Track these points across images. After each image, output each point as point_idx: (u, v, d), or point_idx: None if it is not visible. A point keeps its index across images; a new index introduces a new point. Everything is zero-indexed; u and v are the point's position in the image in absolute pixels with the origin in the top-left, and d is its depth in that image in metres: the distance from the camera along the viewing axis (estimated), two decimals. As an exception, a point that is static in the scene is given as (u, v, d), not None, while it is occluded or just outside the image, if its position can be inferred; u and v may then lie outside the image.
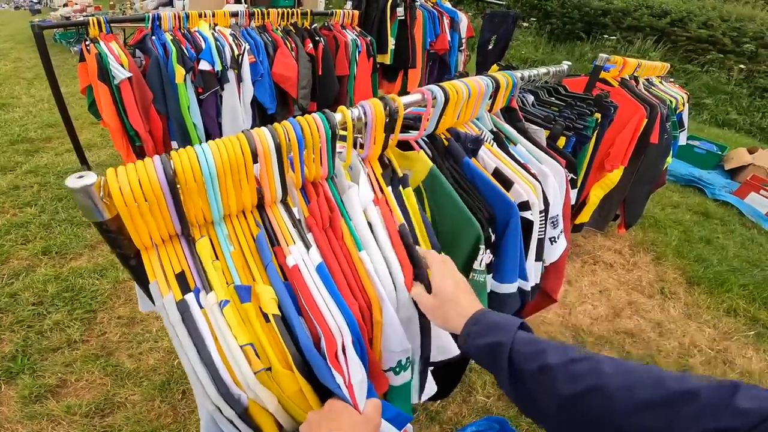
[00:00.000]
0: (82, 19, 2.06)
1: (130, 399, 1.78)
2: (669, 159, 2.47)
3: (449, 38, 3.83)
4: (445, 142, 1.03)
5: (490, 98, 1.22)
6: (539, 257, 1.16)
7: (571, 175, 1.32)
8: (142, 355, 1.98)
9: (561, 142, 1.37)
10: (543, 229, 1.13)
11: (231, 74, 2.29)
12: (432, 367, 0.89)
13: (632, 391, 0.48)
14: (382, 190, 0.85)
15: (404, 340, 0.75)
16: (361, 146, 0.85)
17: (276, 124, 0.69)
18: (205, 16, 2.34)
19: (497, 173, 1.05)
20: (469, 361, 1.30)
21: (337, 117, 0.76)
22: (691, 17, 7.71)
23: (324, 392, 0.65)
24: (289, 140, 0.69)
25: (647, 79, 2.45)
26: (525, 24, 9.51)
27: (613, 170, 2.05)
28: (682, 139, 2.77)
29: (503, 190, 0.96)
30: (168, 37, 2.15)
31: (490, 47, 4.55)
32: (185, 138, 2.27)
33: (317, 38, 2.86)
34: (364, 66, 3.19)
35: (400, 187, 0.85)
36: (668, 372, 0.49)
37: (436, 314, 0.73)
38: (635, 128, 2.00)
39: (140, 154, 2.21)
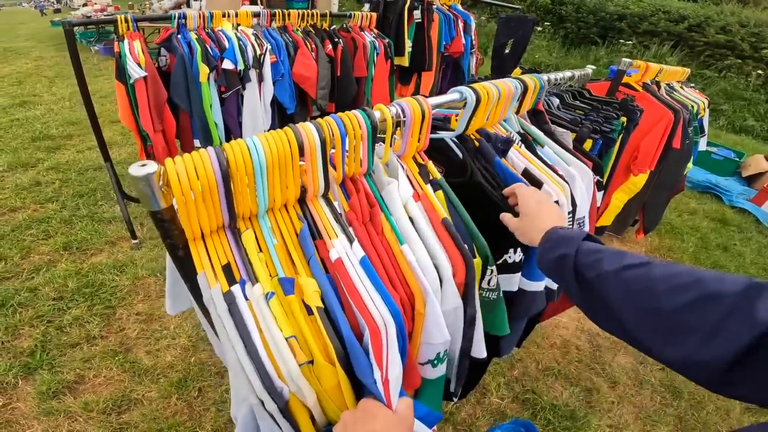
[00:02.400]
0: (109, 17, 2.09)
1: (147, 396, 1.80)
2: (689, 165, 2.45)
3: (463, 41, 3.83)
4: (476, 143, 1.03)
5: (517, 101, 1.23)
6: None
7: (597, 177, 1.32)
8: (159, 351, 2.00)
9: (587, 144, 1.37)
10: None
11: (253, 74, 2.32)
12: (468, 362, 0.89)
13: (675, 293, 0.51)
14: (421, 188, 0.86)
15: (445, 333, 0.76)
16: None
17: (320, 120, 0.70)
18: (229, 16, 2.37)
19: (526, 174, 1.05)
20: (487, 365, 1.30)
21: (376, 114, 0.77)
22: (709, 22, 7.64)
23: (360, 389, 0.65)
24: (333, 135, 0.70)
25: (668, 84, 2.43)
26: (539, 28, 9.48)
27: (639, 174, 2.03)
28: (702, 145, 2.74)
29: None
30: (193, 36, 2.18)
31: (507, 51, 4.52)
32: (207, 137, 2.30)
33: (336, 39, 2.88)
34: (382, 68, 3.20)
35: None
36: (712, 274, 0.51)
37: (520, 232, 0.82)
38: (663, 133, 1.99)
39: (150, 154, 2.24)
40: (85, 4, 10.79)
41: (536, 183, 1.04)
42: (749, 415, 1.97)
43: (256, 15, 2.51)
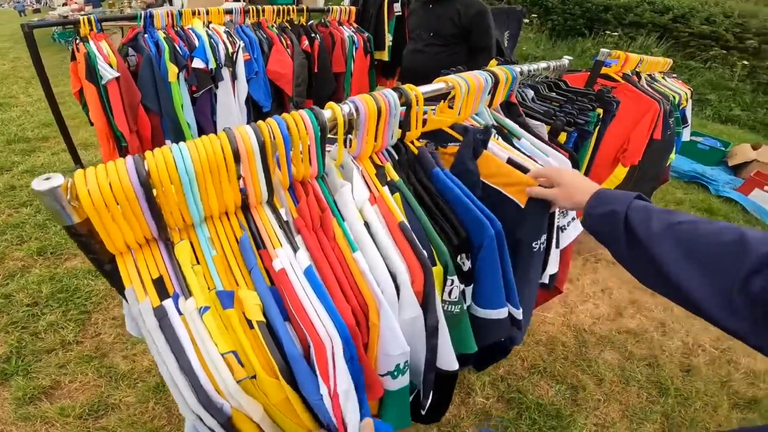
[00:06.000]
0: (72, 17, 2.02)
1: (125, 401, 1.76)
2: (672, 155, 2.43)
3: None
4: (415, 151, 0.92)
5: (489, 93, 1.19)
6: (558, 244, 1.15)
7: (575, 170, 1.29)
8: (136, 356, 1.95)
9: (562, 137, 1.33)
10: (557, 217, 1.13)
11: (225, 72, 2.25)
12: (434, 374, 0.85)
13: (717, 239, 0.57)
14: (378, 190, 0.81)
15: (403, 344, 0.72)
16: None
17: (260, 122, 0.65)
18: (199, 14, 2.30)
19: (511, 162, 1.01)
20: (456, 379, 1.25)
21: (327, 114, 0.73)
22: (694, 13, 7.64)
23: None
24: (275, 138, 0.65)
25: (650, 75, 2.40)
26: (526, 20, 9.44)
27: (628, 165, 2.00)
28: (686, 135, 2.71)
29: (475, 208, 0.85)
30: (161, 35, 2.11)
31: (506, 44, 4.48)
32: (179, 137, 2.24)
33: (313, 35, 2.82)
34: (362, 63, 3.15)
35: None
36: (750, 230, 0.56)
37: (563, 197, 0.82)
38: (649, 124, 1.96)
39: (126, 155, 2.18)
40: (64, 4, 10.60)
41: (523, 170, 1.00)
42: (737, 411, 1.95)
43: (229, 12, 2.45)
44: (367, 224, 0.76)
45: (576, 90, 1.56)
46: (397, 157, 0.88)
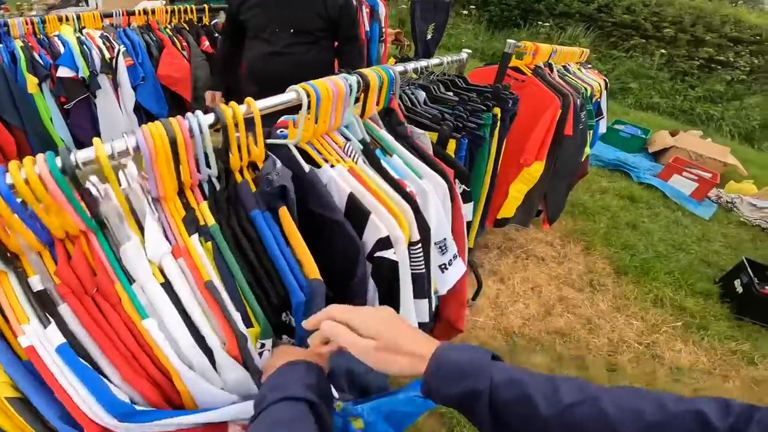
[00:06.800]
0: None
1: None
2: (587, 149, 2.40)
3: (367, 29, 3.62)
4: (239, 179, 0.77)
5: (357, 101, 1.04)
6: (421, 294, 0.94)
7: (464, 187, 1.16)
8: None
9: (451, 146, 1.21)
10: (421, 261, 0.91)
11: (104, 80, 2.00)
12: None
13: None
14: (183, 240, 0.65)
15: (230, 399, 0.63)
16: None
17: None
18: (68, 20, 2.05)
19: (351, 200, 0.83)
20: None
21: (84, 154, 0.56)
22: (616, 2, 7.90)
23: None
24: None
25: (564, 66, 2.36)
26: (464, 12, 9.48)
27: (530, 165, 1.93)
28: (603, 127, 2.72)
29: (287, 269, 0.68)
30: (18, 44, 1.86)
31: (429, 36, 4.41)
32: (52, 155, 1.97)
33: (216, 35, 2.59)
34: (277, 62, 2.94)
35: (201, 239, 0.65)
36: (669, 395, 0.46)
37: (381, 358, 0.54)
38: (551, 120, 1.89)
39: None
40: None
41: (362, 213, 0.82)
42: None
43: (108, 16, 2.19)
44: (168, 282, 0.61)
45: (472, 88, 1.45)
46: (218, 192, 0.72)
